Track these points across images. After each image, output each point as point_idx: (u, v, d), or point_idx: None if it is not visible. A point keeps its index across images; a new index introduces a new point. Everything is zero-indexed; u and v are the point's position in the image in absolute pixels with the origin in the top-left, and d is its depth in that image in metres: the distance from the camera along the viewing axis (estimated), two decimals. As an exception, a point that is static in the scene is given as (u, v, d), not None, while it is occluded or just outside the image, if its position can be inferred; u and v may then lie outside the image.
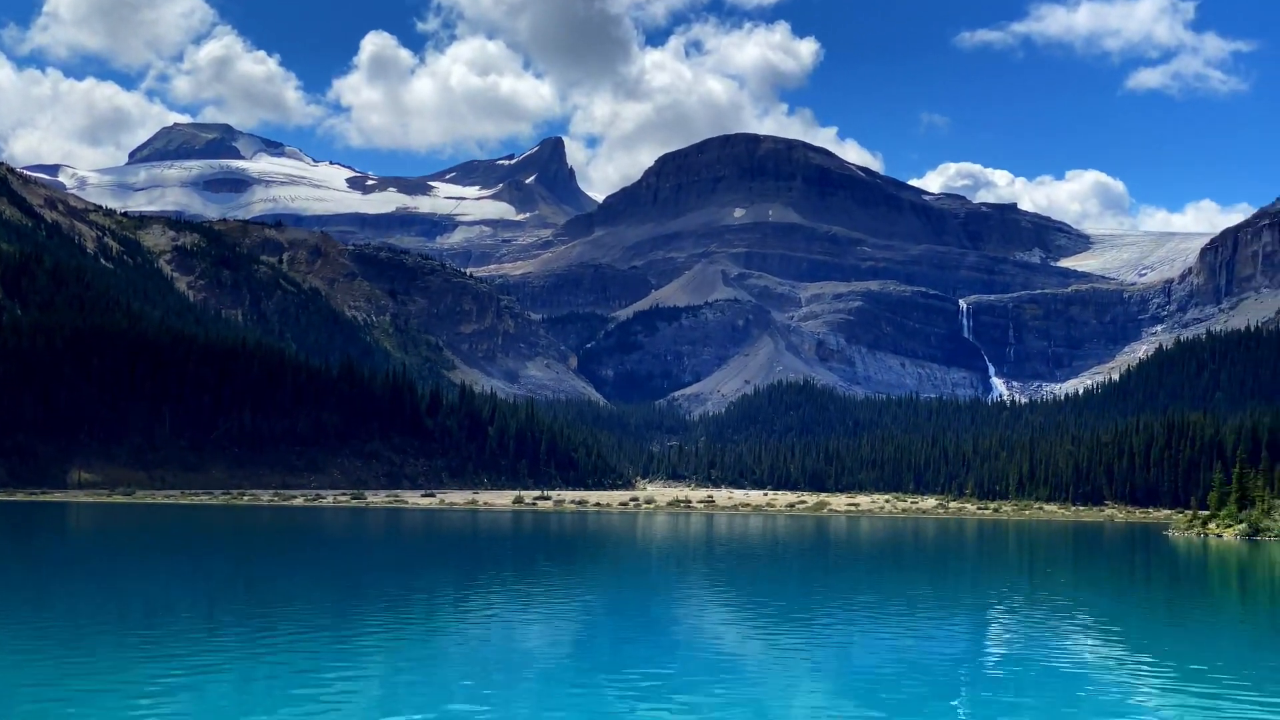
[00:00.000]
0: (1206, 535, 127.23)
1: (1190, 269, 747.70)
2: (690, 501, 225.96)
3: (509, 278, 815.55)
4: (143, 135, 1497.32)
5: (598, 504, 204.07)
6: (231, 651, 30.79)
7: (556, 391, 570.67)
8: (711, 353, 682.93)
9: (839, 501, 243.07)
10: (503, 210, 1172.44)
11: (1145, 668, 31.38)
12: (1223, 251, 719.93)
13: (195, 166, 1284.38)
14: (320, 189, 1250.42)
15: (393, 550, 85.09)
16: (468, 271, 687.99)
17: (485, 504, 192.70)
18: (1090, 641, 36.99)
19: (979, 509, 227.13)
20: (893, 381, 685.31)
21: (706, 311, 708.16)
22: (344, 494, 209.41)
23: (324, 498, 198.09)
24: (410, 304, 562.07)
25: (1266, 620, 48.78)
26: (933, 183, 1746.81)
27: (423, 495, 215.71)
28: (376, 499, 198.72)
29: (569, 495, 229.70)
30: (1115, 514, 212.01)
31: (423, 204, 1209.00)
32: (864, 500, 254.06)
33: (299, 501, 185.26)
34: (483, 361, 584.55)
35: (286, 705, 24.24)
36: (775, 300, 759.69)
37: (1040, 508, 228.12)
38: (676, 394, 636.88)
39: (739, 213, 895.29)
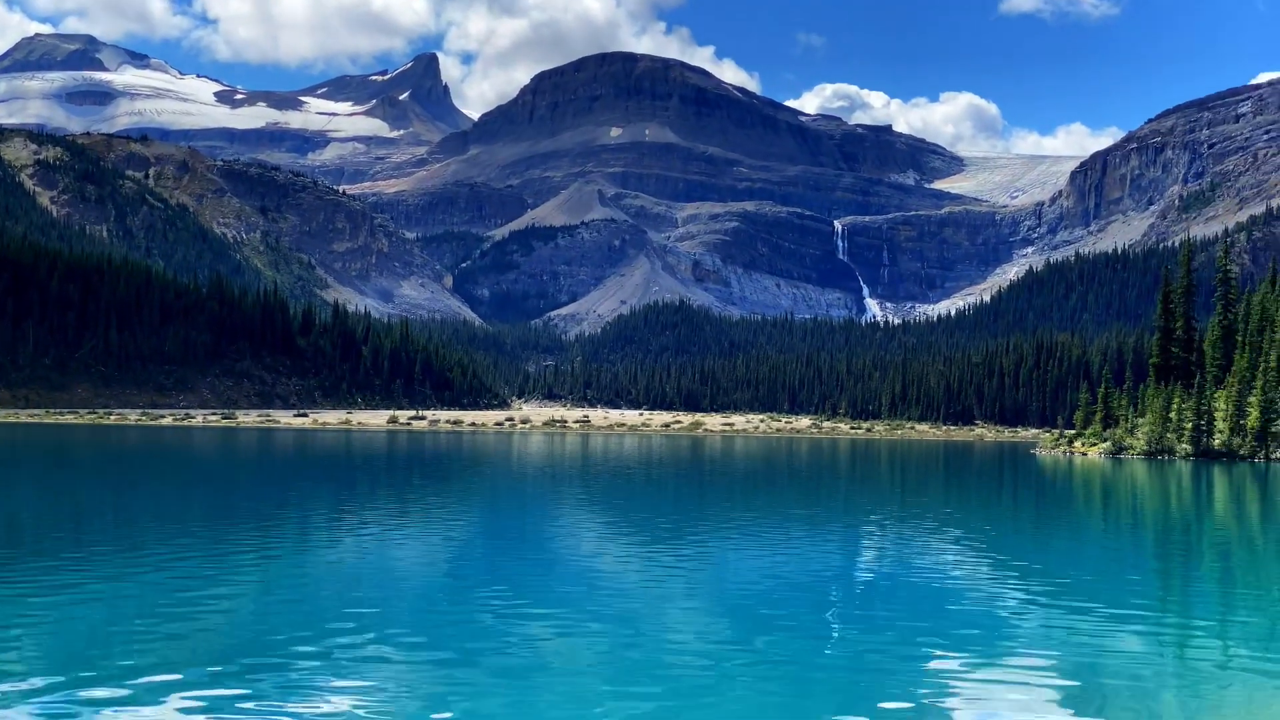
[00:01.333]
0: (1072, 454, 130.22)
1: (1060, 192, 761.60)
2: (566, 421, 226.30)
3: (383, 196, 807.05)
4: (2, 45, 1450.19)
5: (473, 424, 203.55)
6: (99, 572, 30.02)
7: (431, 311, 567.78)
8: (588, 273, 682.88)
9: (714, 421, 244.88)
10: (376, 127, 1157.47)
11: (1012, 581, 31.86)
12: (1092, 175, 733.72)
13: (57, 78, 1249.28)
14: (187, 103, 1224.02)
15: (265, 470, 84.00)
16: (340, 189, 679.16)
17: (359, 424, 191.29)
18: (960, 556, 37.51)
19: (852, 428, 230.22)
20: (768, 302, 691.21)
21: (583, 231, 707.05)
22: (214, 414, 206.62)
23: (193, 417, 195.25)
24: (281, 221, 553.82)
25: (1128, 536, 49.87)
26: (809, 104, 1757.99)
27: (295, 415, 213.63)
28: (248, 419, 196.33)
29: (444, 415, 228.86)
30: (985, 433, 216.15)
31: (293, 120, 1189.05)
32: (739, 420, 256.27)
33: (167, 421, 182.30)
34: (356, 280, 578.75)
35: (156, 627, 23.63)
36: (651, 220, 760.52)
37: (912, 427, 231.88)
38: (553, 314, 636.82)
39: (615, 132, 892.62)
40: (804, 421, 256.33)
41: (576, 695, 18.24)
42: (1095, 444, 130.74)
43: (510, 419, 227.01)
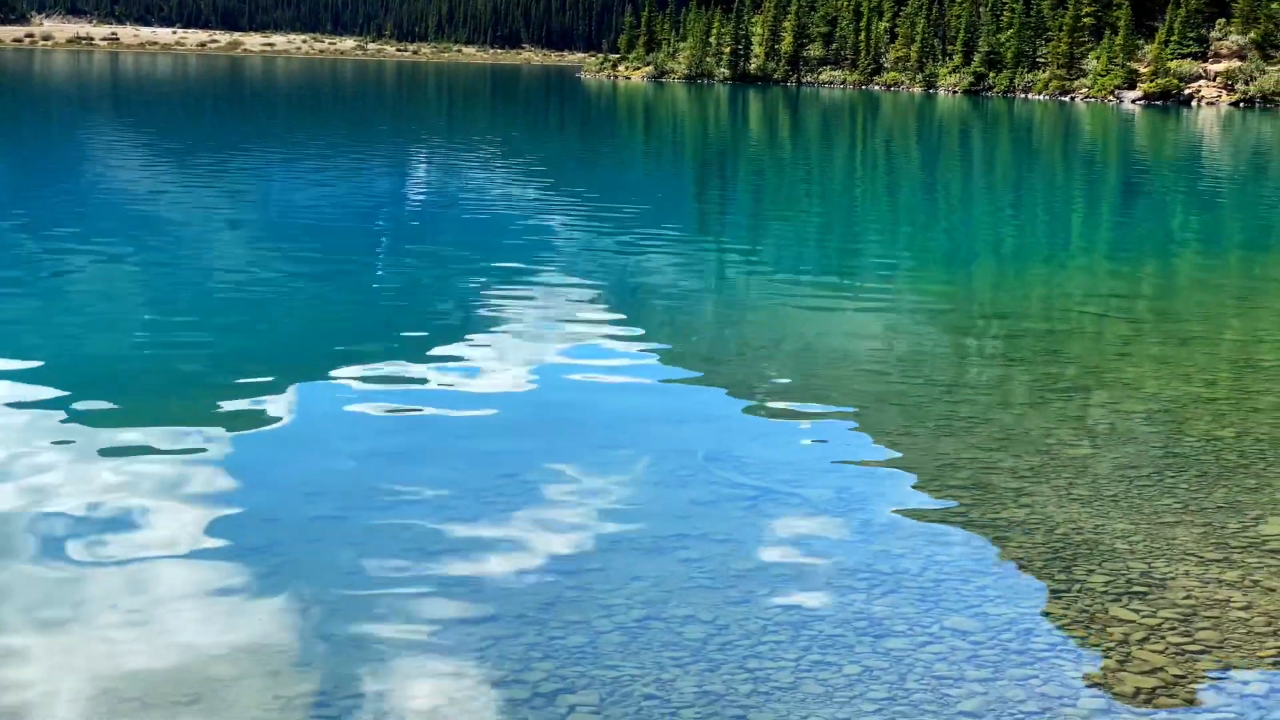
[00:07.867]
0: (616, 78, 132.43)
1: None
2: (93, 39, 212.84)
3: None
4: None
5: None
6: None
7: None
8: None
9: (254, 41, 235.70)
10: None
11: (558, 207, 32.22)
12: None
13: None
14: None
15: None
16: None
17: None
18: (507, 184, 37.64)
19: (399, 50, 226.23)
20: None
21: None
22: None
23: None
24: None
25: (670, 157, 51.36)
26: None
27: None
28: None
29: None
30: (533, 57, 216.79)
31: None
32: (280, 40, 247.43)
33: None
34: None
35: None
36: None
37: (460, 50, 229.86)
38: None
39: None
40: (349, 43, 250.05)
41: (115, 323, 17.29)
42: (639, 68, 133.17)
43: (30, 35, 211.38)
